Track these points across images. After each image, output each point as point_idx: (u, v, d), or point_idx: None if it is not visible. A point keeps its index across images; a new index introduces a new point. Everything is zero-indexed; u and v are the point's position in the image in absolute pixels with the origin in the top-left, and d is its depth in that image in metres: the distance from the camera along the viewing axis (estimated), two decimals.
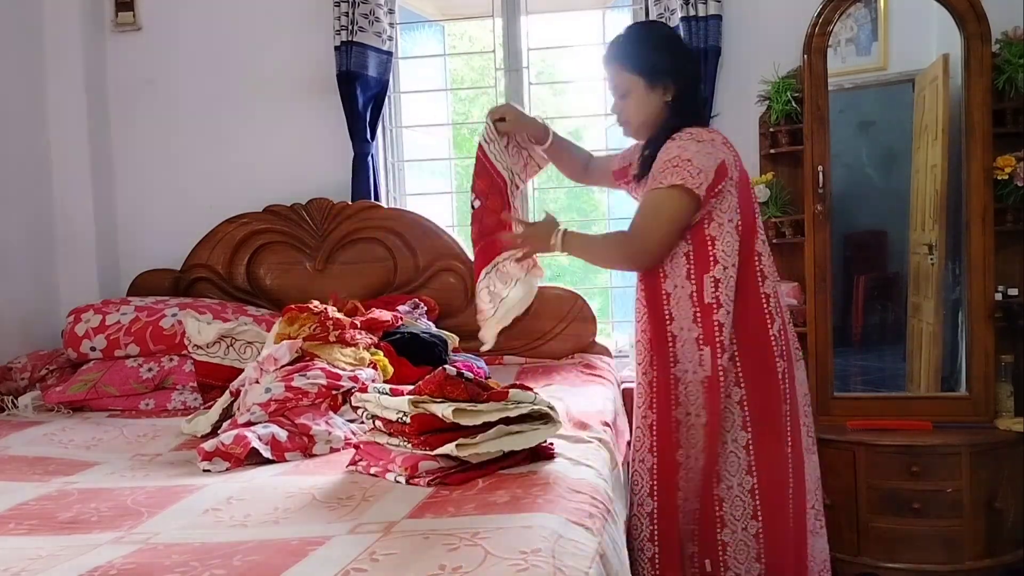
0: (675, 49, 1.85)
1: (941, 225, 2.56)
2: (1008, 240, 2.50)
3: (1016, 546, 2.36)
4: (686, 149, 1.73)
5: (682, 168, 1.71)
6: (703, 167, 1.71)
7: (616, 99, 1.87)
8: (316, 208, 2.85)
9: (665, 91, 1.81)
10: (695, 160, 1.71)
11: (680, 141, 1.75)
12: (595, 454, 1.65)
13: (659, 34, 1.90)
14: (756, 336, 1.81)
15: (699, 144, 1.74)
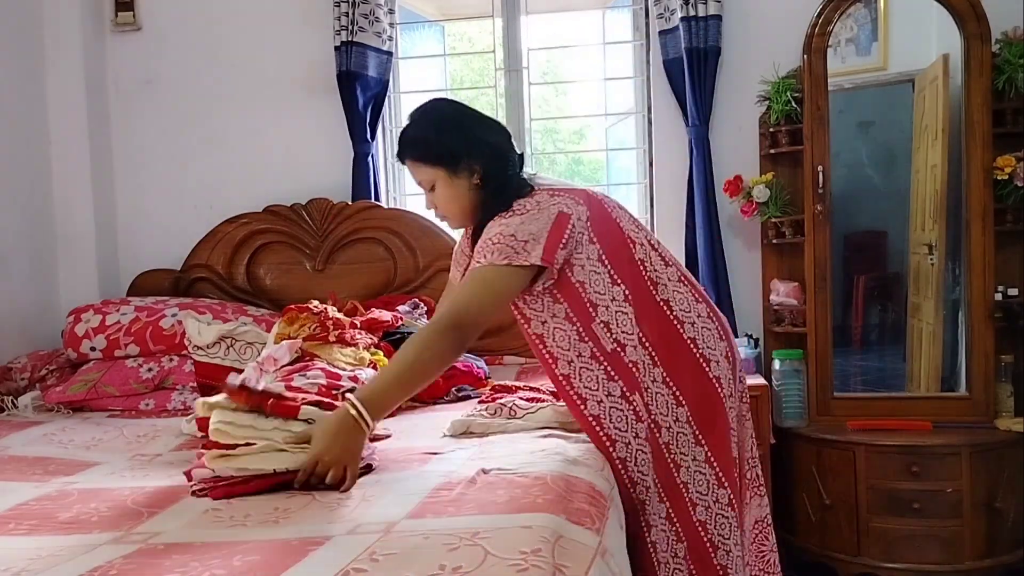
0: (470, 126, 1.69)
1: (941, 225, 2.56)
2: (1008, 240, 2.50)
3: (1016, 546, 2.36)
4: (507, 226, 1.58)
5: (503, 244, 1.56)
6: (530, 235, 1.57)
7: (426, 195, 1.72)
8: (316, 208, 2.85)
9: (472, 173, 1.66)
10: (517, 234, 1.57)
11: (501, 219, 1.61)
12: (595, 454, 1.65)
13: (449, 115, 1.71)
14: (673, 347, 1.68)
15: (521, 217, 1.60)
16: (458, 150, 1.65)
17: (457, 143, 1.66)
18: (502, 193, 1.65)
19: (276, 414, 1.46)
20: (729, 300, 2.71)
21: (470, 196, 1.68)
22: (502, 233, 1.58)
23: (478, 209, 1.70)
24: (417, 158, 1.68)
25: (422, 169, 1.68)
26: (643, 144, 2.96)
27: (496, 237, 1.58)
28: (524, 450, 1.63)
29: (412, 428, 1.96)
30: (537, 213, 1.61)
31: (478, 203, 1.69)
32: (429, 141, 1.67)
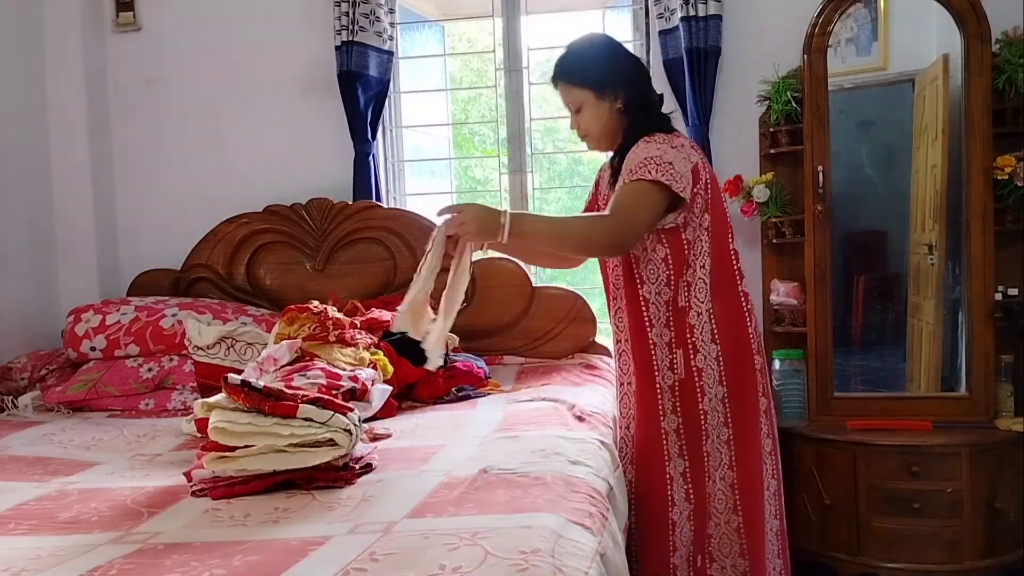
0: (617, 58, 1.85)
1: (941, 225, 2.56)
2: (1008, 240, 2.50)
3: (1016, 546, 2.36)
4: (665, 152, 1.72)
5: (664, 168, 1.70)
6: (683, 172, 1.72)
7: (572, 115, 1.89)
8: (316, 208, 2.85)
9: (615, 99, 1.82)
10: (676, 164, 1.71)
11: (656, 144, 1.74)
12: (595, 454, 1.65)
13: (600, 45, 1.89)
14: (736, 334, 1.84)
15: (674, 149, 1.74)
16: (606, 77, 1.81)
17: (606, 70, 1.82)
18: (643, 120, 1.81)
19: (275, 414, 1.46)
20: None
21: (612, 119, 1.83)
22: (661, 157, 1.71)
23: (618, 133, 1.85)
24: (569, 80, 1.84)
25: (572, 91, 1.84)
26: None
27: (655, 158, 1.71)
28: (524, 450, 1.63)
29: (412, 428, 1.96)
30: (685, 152, 1.76)
31: (619, 127, 1.84)
32: (583, 66, 1.83)
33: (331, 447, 1.47)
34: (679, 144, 1.78)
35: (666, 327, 1.82)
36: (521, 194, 3.01)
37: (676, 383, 1.82)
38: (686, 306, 1.81)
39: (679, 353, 1.81)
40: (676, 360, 1.81)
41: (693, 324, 1.80)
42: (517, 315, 2.76)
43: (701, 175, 1.79)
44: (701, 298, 1.80)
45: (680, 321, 1.81)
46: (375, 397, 2.04)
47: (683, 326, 1.81)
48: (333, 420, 1.48)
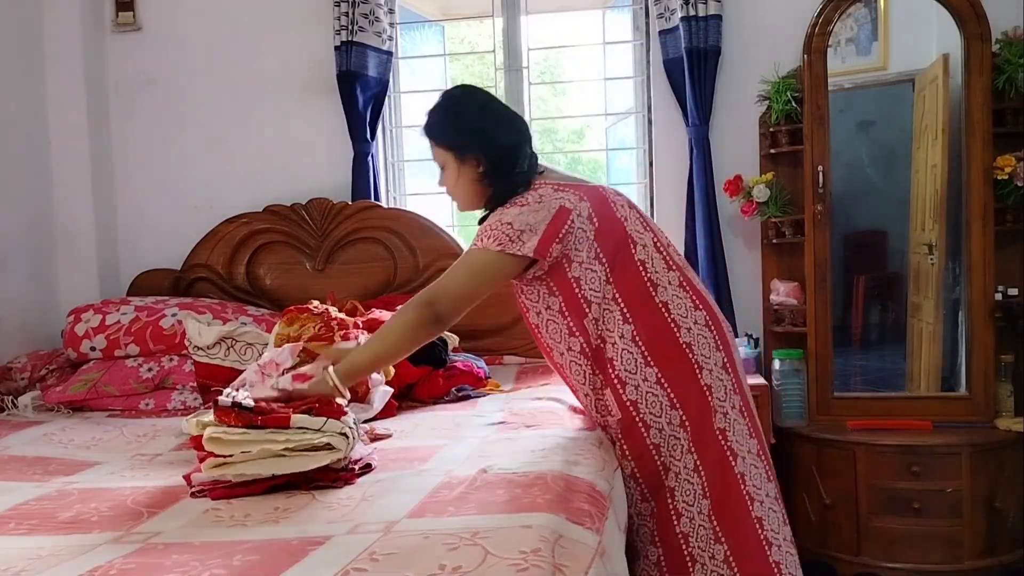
0: (481, 120, 1.74)
1: (941, 225, 2.56)
2: (1008, 240, 2.50)
3: (1016, 546, 2.36)
4: (505, 215, 1.65)
5: (499, 231, 1.62)
6: (527, 225, 1.62)
7: (440, 171, 1.79)
8: (316, 208, 2.85)
9: (477, 163, 1.71)
10: (514, 223, 1.62)
11: (501, 210, 1.67)
12: (595, 454, 1.65)
13: (460, 103, 1.78)
14: (669, 350, 1.68)
15: (521, 208, 1.65)
16: (465, 140, 1.72)
17: (465, 134, 1.73)
18: (503, 187, 1.71)
19: (268, 426, 1.47)
20: (729, 300, 2.71)
21: (474, 184, 1.74)
22: (499, 220, 1.65)
23: (483, 196, 1.76)
24: (431, 137, 1.77)
25: (435, 149, 1.77)
26: (643, 144, 2.96)
27: (493, 224, 1.65)
28: (524, 450, 1.63)
29: (412, 428, 1.96)
30: (537, 206, 1.65)
31: (484, 189, 1.74)
32: (442, 125, 1.75)
33: (329, 451, 1.46)
34: (533, 199, 1.66)
35: (592, 374, 1.70)
36: None
37: (617, 424, 1.69)
38: (600, 343, 1.68)
39: (606, 393, 1.68)
40: (608, 402, 1.68)
41: (612, 357, 1.67)
42: (517, 315, 2.73)
43: (573, 209, 1.65)
44: (612, 327, 1.67)
45: (600, 361, 1.68)
46: (376, 398, 2.03)
47: (604, 364, 1.68)
48: (328, 426, 1.48)
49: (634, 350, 1.67)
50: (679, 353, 1.69)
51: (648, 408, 1.66)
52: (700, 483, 1.67)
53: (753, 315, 2.79)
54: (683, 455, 1.67)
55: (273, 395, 1.63)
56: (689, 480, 1.67)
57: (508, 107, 1.82)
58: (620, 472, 1.74)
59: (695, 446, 1.67)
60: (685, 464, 1.67)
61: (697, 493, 1.67)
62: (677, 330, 1.69)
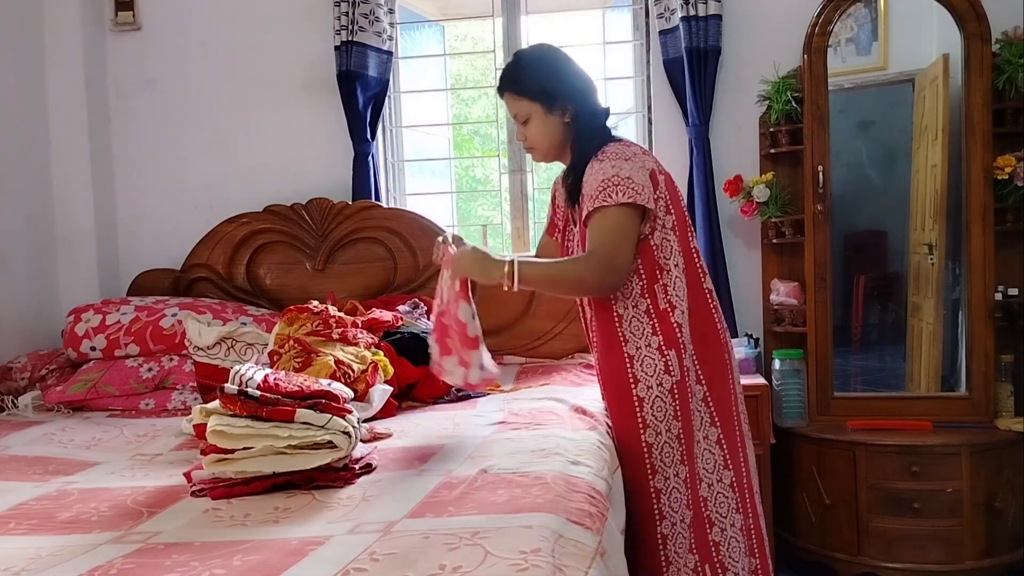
0: (565, 70, 1.82)
1: (941, 225, 2.56)
2: (1008, 240, 2.50)
3: (1016, 546, 2.36)
4: (621, 168, 1.71)
5: (624, 186, 1.68)
6: (642, 182, 1.71)
7: (518, 126, 1.86)
8: (316, 208, 2.85)
9: (564, 113, 1.80)
10: (635, 177, 1.70)
11: (609, 162, 1.73)
12: (595, 454, 1.65)
13: (548, 57, 1.85)
14: (707, 333, 1.82)
15: (628, 161, 1.72)
16: (554, 90, 1.79)
17: (555, 83, 1.79)
18: (592, 134, 1.80)
19: (272, 419, 1.46)
20: (729, 300, 2.71)
21: (561, 132, 1.82)
22: (617, 175, 1.70)
23: (566, 146, 1.84)
24: (516, 92, 1.81)
25: (519, 103, 1.81)
26: (643, 144, 2.96)
27: (612, 178, 1.69)
28: (524, 450, 1.63)
29: (412, 428, 1.96)
30: (639, 160, 1.74)
31: (567, 140, 1.83)
32: (531, 78, 1.80)
33: (330, 449, 1.46)
34: (631, 154, 1.75)
35: (653, 334, 1.76)
36: (521, 194, 3.01)
37: (674, 386, 1.74)
38: (668, 308, 1.76)
39: (671, 354, 1.74)
40: (670, 361, 1.74)
41: (680, 322, 1.76)
42: (517, 315, 2.76)
43: (658, 179, 1.77)
44: (681, 295, 1.78)
45: (666, 323, 1.76)
46: (376, 398, 2.03)
47: (670, 327, 1.75)
48: (331, 423, 1.48)
49: (688, 325, 1.78)
50: (715, 338, 1.83)
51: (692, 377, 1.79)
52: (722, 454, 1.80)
53: (753, 315, 2.79)
54: (704, 427, 1.79)
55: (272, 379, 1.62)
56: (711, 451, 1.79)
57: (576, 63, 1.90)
58: (620, 472, 1.74)
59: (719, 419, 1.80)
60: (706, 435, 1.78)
61: (718, 464, 1.79)
62: (717, 316, 1.85)
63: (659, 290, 1.77)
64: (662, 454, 1.75)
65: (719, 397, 1.81)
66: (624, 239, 1.69)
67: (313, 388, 1.55)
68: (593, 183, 1.72)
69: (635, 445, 1.76)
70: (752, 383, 2.45)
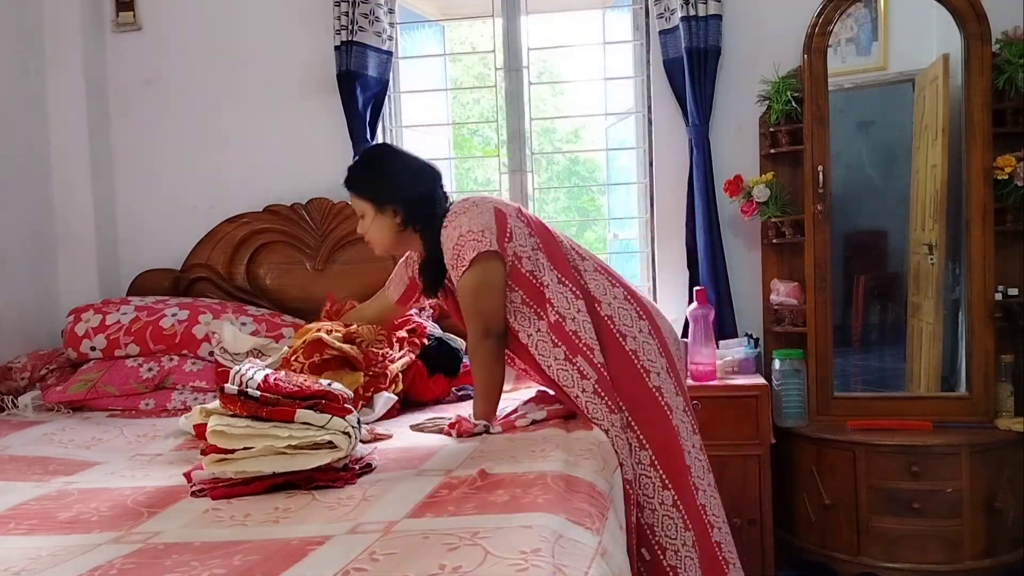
0: (394, 174, 1.92)
1: (941, 225, 2.56)
2: (1008, 240, 2.50)
3: (1016, 546, 2.36)
4: (460, 225, 1.81)
5: (467, 240, 1.78)
6: (483, 226, 1.79)
7: (359, 220, 1.96)
8: (316, 208, 2.85)
9: (395, 214, 1.90)
10: (473, 227, 1.79)
11: (451, 225, 1.83)
12: (595, 453, 1.65)
13: (380, 159, 1.97)
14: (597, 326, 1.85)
15: (465, 215, 1.82)
16: (384, 191, 1.90)
17: (385, 186, 1.91)
18: (430, 221, 1.89)
19: (272, 419, 1.47)
20: (729, 300, 2.71)
21: (392, 231, 1.92)
22: (461, 233, 1.80)
23: (402, 242, 1.96)
24: (351, 190, 1.95)
25: (355, 200, 1.95)
26: (643, 144, 2.96)
27: (460, 239, 1.80)
28: (524, 450, 1.63)
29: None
30: (478, 210, 1.83)
31: (403, 237, 1.94)
32: (364, 178, 1.94)
33: (330, 449, 1.47)
34: (467, 207, 1.84)
35: (554, 346, 1.82)
36: (521, 194, 3.01)
37: (595, 386, 1.79)
38: (559, 319, 1.82)
39: (578, 360, 1.80)
40: (581, 367, 1.80)
41: (574, 329, 1.82)
42: None
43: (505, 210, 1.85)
44: (567, 304, 1.83)
45: (561, 334, 1.82)
46: (378, 403, 2.04)
47: (566, 336, 1.81)
48: (331, 423, 1.48)
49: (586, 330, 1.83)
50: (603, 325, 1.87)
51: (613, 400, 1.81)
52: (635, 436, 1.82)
53: (753, 315, 2.79)
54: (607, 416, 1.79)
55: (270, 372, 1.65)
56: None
57: (420, 158, 1.98)
58: (620, 472, 1.74)
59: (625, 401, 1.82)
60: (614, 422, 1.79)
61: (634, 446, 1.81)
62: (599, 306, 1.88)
63: (547, 305, 1.84)
64: (618, 446, 1.77)
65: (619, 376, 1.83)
66: (485, 295, 1.81)
67: (313, 388, 1.55)
68: (448, 254, 1.84)
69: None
70: (752, 383, 2.46)
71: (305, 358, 2.03)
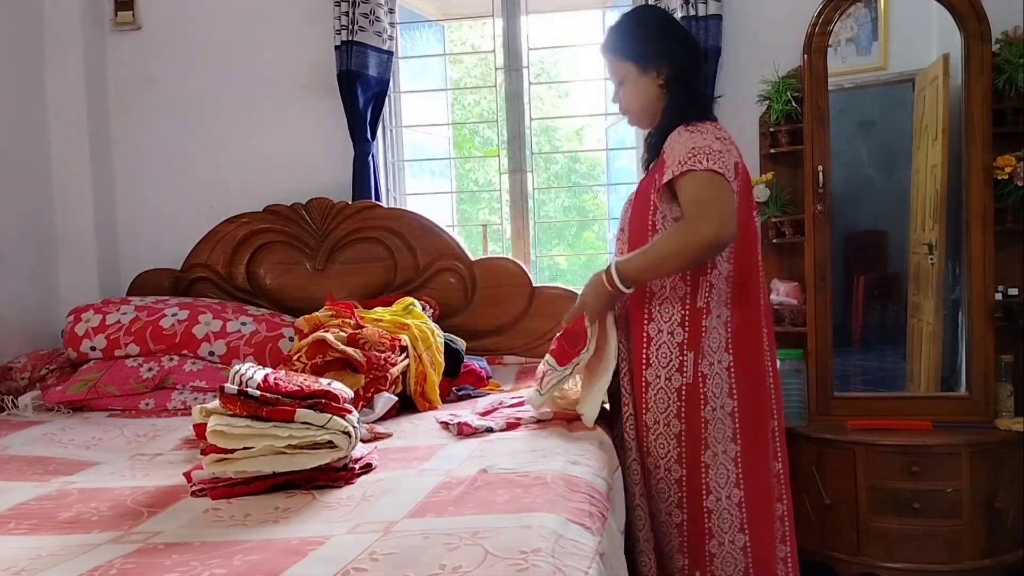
0: (666, 32, 1.80)
1: (941, 225, 2.56)
2: (1008, 240, 2.50)
3: (1016, 546, 2.36)
4: (712, 143, 1.63)
5: (715, 158, 1.60)
6: (729, 166, 1.63)
7: (616, 88, 1.85)
8: (316, 208, 2.85)
9: (658, 75, 1.76)
10: (725, 156, 1.63)
11: (703, 134, 1.65)
12: (595, 454, 1.65)
13: (649, 18, 1.86)
14: (751, 347, 1.75)
15: (719, 141, 1.65)
16: (650, 51, 1.76)
17: (652, 45, 1.77)
18: (685, 102, 1.74)
19: (272, 419, 1.47)
20: None
21: (654, 95, 1.77)
22: (709, 147, 1.62)
23: (658, 111, 1.79)
24: (611, 52, 1.81)
25: (616, 63, 1.81)
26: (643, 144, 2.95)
27: (704, 147, 1.62)
28: (524, 450, 1.63)
29: (412, 428, 1.96)
30: (728, 145, 1.68)
31: (660, 105, 1.78)
32: (629, 38, 1.80)
33: (330, 449, 1.47)
34: (723, 136, 1.68)
35: (679, 326, 1.71)
36: (521, 194, 3.01)
37: (683, 386, 1.70)
38: (704, 308, 1.70)
39: (689, 356, 1.70)
40: (686, 363, 1.70)
41: (709, 327, 1.71)
42: (517, 315, 2.76)
43: (739, 173, 1.70)
44: (721, 301, 1.72)
45: (696, 323, 1.70)
46: (378, 404, 2.04)
47: (698, 328, 1.70)
48: (331, 423, 1.49)
49: (723, 333, 1.72)
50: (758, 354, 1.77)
51: (711, 386, 1.71)
52: (735, 472, 1.72)
53: None
54: (723, 440, 1.72)
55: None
56: (726, 465, 1.72)
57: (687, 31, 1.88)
58: (620, 472, 1.74)
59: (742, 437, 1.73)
60: (724, 449, 1.72)
61: (730, 480, 1.72)
62: (767, 333, 1.78)
63: (702, 285, 1.71)
64: (656, 445, 1.74)
65: (751, 417, 1.74)
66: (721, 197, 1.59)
67: (313, 388, 1.55)
68: (680, 150, 1.64)
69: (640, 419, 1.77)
70: None
71: (308, 358, 2.03)
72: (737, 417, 1.72)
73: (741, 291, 1.74)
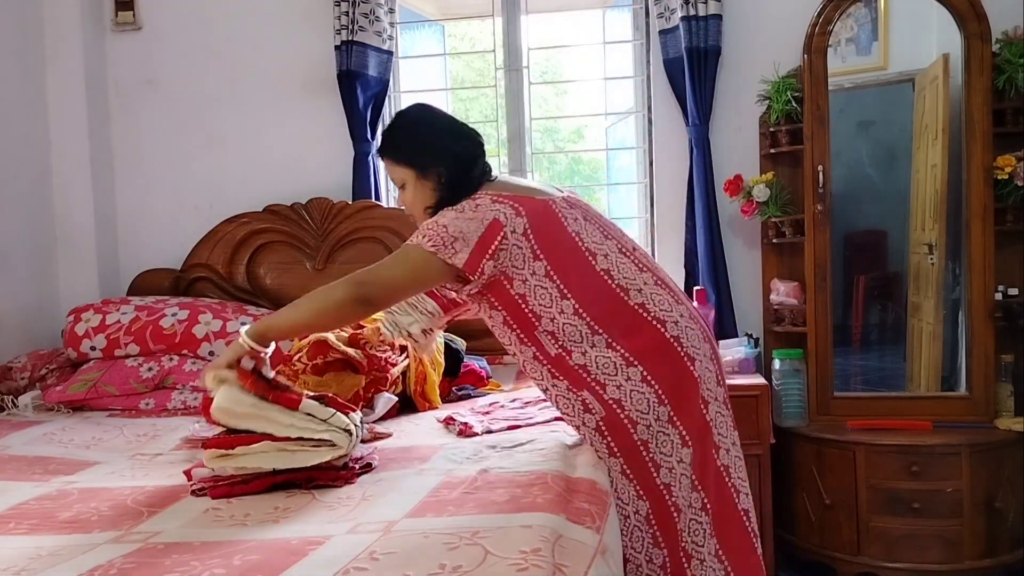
0: (436, 134, 1.74)
1: (941, 225, 2.56)
2: (1008, 240, 2.50)
3: (1016, 546, 2.36)
4: (443, 215, 1.62)
5: (435, 232, 1.59)
6: (460, 233, 1.58)
7: (399, 191, 1.78)
8: (316, 208, 2.85)
9: (438, 177, 1.70)
10: (450, 227, 1.58)
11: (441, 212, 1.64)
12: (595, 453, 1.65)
13: (421, 121, 1.78)
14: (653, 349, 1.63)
15: (457, 213, 1.61)
16: (424, 155, 1.70)
17: (427, 148, 1.71)
18: (453, 194, 1.68)
19: (278, 404, 1.47)
20: (729, 300, 2.71)
21: (434, 197, 1.71)
22: (436, 222, 1.61)
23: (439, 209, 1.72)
24: (390, 158, 1.75)
25: (394, 168, 1.75)
26: (643, 144, 2.96)
27: (431, 224, 1.62)
28: (524, 450, 1.63)
29: (412, 428, 1.96)
30: (472, 213, 1.61)
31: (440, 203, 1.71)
32: (405, 143, 1.73)
33: (331, 447, 1.47)
34: (470, 206, 1.62)
35: (554, 379, 1.64)
36: None
37: (599, 423, 1.61)
38: (562, 353, 1.62)
39: (584, 394, 1.61)
40: (587, 400, 1.60)
41: (584, 364, 1.61)
42: None
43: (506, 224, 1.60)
44: (578, 340, 1.61)
45: (563, 367, 1.62)
46: (379, 404, 2.04)
47: (570, 370, 1.62)
48: (334, 419, 1.49)
49: (611, 354, 1.61)
50: (668, 348, 1.64)
51: (633, 406, 1.60)
52: (690, 476, 1.62)
53: (753, 315, 2.79)
54: (674, 449, 1.62)
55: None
56: (684, 473, 1.61)
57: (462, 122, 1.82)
58: None
59: (691, 438, 1.62)
60: (680, 458, 1.61)
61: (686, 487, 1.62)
62: (663, 327, 1.64)
63: (544, 337, 1.63)
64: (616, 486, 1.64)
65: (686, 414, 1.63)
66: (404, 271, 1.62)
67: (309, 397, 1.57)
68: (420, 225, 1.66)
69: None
70: (752, 383, 2.45)
71: (309, 359, 2.03)
72: (676, 422, 1.62)
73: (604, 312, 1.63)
